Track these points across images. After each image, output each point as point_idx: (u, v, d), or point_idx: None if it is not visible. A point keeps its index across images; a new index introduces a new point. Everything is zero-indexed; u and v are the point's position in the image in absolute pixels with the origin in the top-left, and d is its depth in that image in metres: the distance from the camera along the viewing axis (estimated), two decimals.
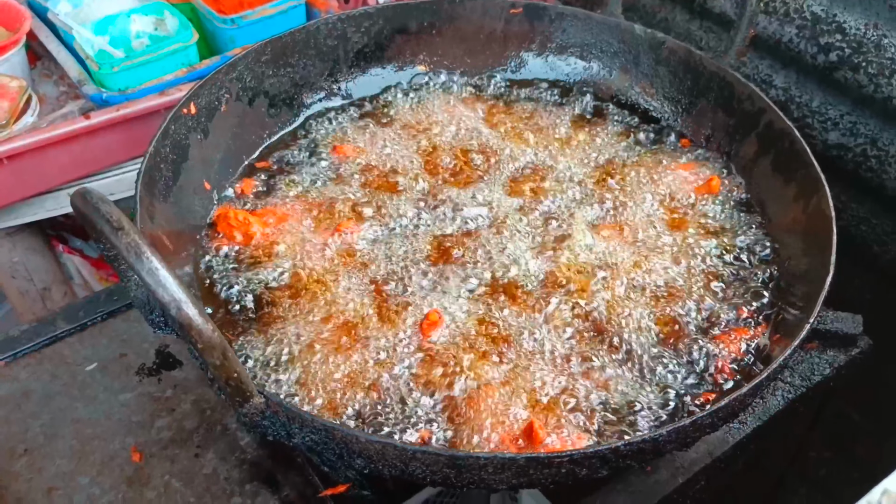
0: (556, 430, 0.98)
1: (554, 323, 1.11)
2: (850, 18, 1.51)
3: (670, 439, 0.87)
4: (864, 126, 1.54)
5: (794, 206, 1.21)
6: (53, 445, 1.17)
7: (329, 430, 0.85)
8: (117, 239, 0.73)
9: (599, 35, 1.54)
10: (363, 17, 1.49)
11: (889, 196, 1.54)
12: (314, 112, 1.48)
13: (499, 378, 1.03)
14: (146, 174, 1.11)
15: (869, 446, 1.82)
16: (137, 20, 1.77)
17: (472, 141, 1.42)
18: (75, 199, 0.77)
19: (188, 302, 0.73)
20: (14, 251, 1.79)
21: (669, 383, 1.05)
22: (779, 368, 0.93)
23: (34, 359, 1.29)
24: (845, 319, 1.25)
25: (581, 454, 0.83)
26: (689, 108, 1.46)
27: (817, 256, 1.10)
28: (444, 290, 1.15)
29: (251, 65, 1.37)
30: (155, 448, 1.18)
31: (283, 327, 1.10)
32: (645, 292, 1.16)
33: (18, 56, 1.70)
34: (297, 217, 1.26)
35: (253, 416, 0.85)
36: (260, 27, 1.80)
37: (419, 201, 1.30)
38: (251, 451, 1.17)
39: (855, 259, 1.62)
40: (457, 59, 1.58)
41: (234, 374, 0.79)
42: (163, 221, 1.14)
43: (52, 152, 1.59)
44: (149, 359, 1.29)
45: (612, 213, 1.29)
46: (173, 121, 1.20)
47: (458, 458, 0.83)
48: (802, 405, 1.25)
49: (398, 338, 1.08)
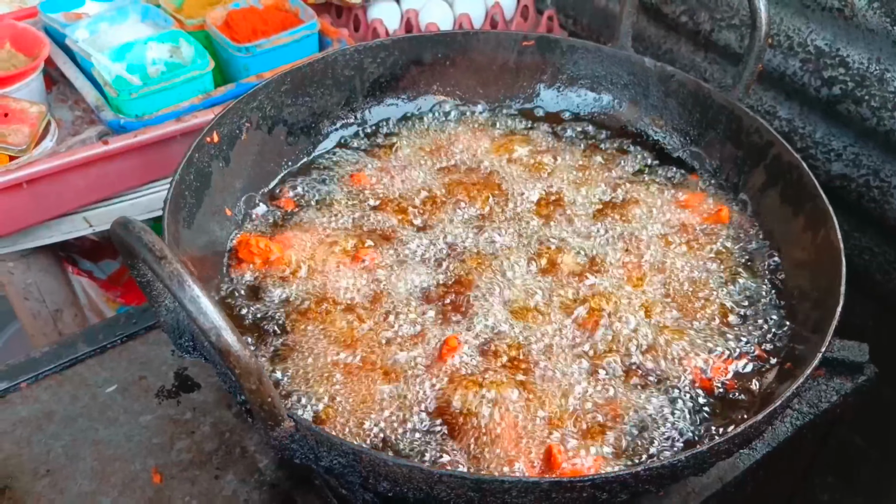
0: (574, 456, 1.00)
1: (568, 348, 1.14)
2: (853, 53, 1.55)
3: (688, 465, 0.90)
4: (867, 158, 1.58)
5: (803, 237, 1.24)
6: (75, 466, 1.19)
7: (357, 453, 0.87)
8: (160, 267, 0.75)
9: (610, 67, 1.58)
10: (379, 48, 1.53)
11: (891, 226, 1.57)
12: (332, 141, 1.51)
13: (517, 402, 1.05)
14: (172, 201, 1.14)
15: (873, 472, 1.84)
16: (154, 48, 1.80)
17: (486, 169, 1.45)
18: (116, 228, 0.80)
19: (228, 329, 0.76)
20: (28, 273, 1.81)
21: (682, 410, 1.08)
22: (792, 396, 0.96)
23: (55, 380, 1.31)
24: (852, 348, 1.28)
25: (603, 479, 0.85)
26: (698, 139, 1.50)
27: (827, 286, 1.13)
28: (461, 317, 1.17)
29: (271, 94, 1.40)
30: (175, 470, 1.19)
31: (304, 353, 1.12)
32: (656, 317, 1.19)
33: (37, 81, 1.73)
34: (317, 244, 1.28)
35: (283, 440, 0.87)
36: (274, 55, 1.83)
37: (435, 229, 1.32)
38: (270, 473, 1.19)
39: (857, 287, 1.64)
40: (470, 89, 1.62)
41: (268, 398, 0.82)
42: (187, 247, 1.16)
43: (70, 177, 1.61)
44: (168, 381, 1.31)
45: (621, 244, 1.32)
46: (197, 149, 1.23)
47: (484, 482, 0.85)
48: (810, 432, 1.27)
49: (417, 362, 1.11)
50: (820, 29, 1.60)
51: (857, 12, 1.51)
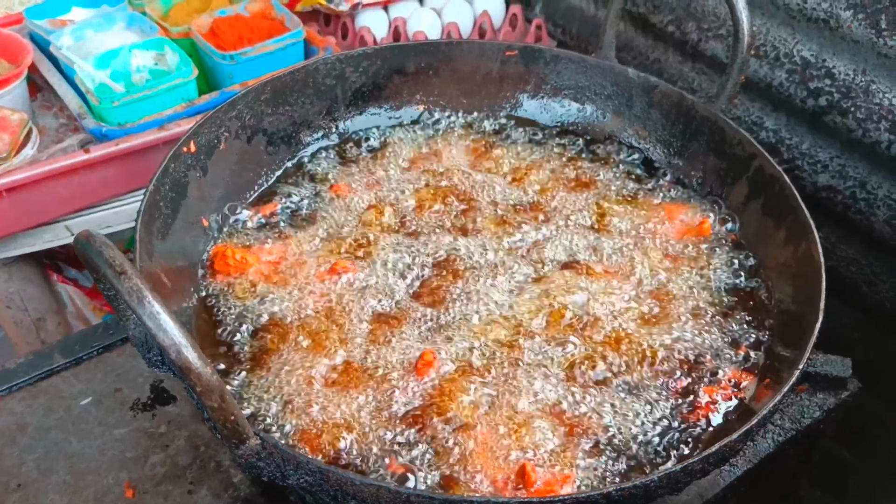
0: (547, 472, 0.99)
1: (545, 361, 1.12)
2: (839, 64, 1.54)
3: (661, 484, 0.88)
4: (853, 169, 1.57)
5: (785, 250, 1.23)
6: (47, 480, 1.18)
7: (323, 472, 0.86)
8: (119, 283, 0.74)
9: (593, 78, 1.57)
10: (361, 57, 1.52)
11: (877, 238, 1.56)
12: (312, 150, 1.50)
13: (492, 419, 1.04)
14: (146, 213, 1.13)
15: (861, 485, 1.83)
16: (138, 55, 1.79)
17: (466, 179, 1.44)
18: (79, 242, 0.79)
19: (188, 346, 0.74)
20: (10, 281, 1.79)
21: (658, 427, 1.06)
22: (769, 413, 0.94)
23: (29, 392, 1.29)
24: (835, 363, 1.27)
25: (573, 499, 0.84)
26: (682, 150, 1.49)
27: (807, 301, 1.12)
28: (437, 330, 1.16)
29: (251, 103, 1.39)
30: (149, 484, 1.18)
31: (278, 366, 1.11)
32: (635, 329, 1.17)
33: (20, 89, 1.72)
34: (294, 255, 1.27)
35: (249, 458, 0.86)
36: (259, 63, 1.82)
37: (414, 240, 1.31)
38: (244, 489, 1.18)
39: (843, 299, 1.64)
40: (453, 99, 1.61)
41: (231, 416, 0.80)
42: (161, 259, 1.15)
43: (51, 185, 1.60)
44: (143, 394, 1.30)
45: (602, 254, 1.31)
46: (173, 159, 1.22)
47: (452, 501, 0.84)
48: (792, 448, 1.26)
49: (392, 378, 1.09)
50: (806, 40, 1.59)
51: (843, 24, 1.50)
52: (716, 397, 1.10)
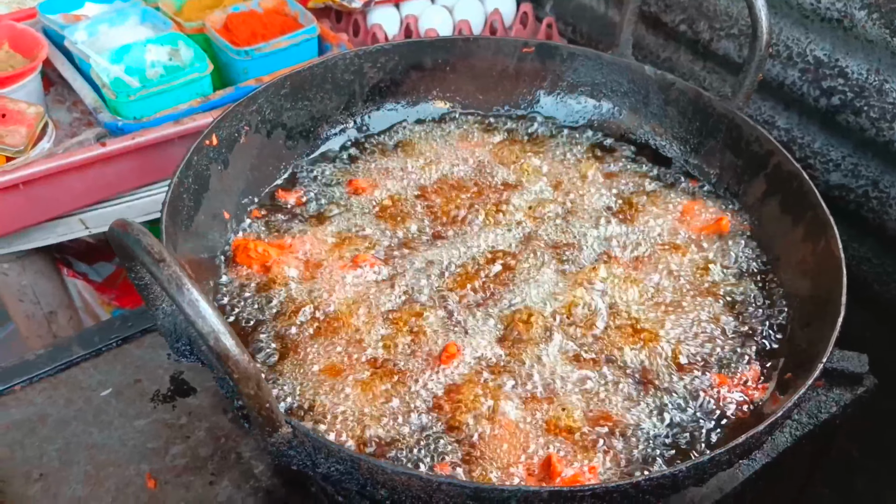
0: (572, 464, 0.99)
1: (567, 356, 1.13)
2: (852, 63, 1.55)
3: (689, 475, 0.89)
4: (866, 168, 1.58)
5: (803, 247, 1.24)
6: (68, 471, 1.18)
7: (355, 460, 0.86)
8: (158, 270, 0.74)
9: (610, 75, 1.58)
10: (379, 52, 1.52)
11: (889, 237, 1.57)
12: (330, 145, 1.50)
13: (517, 410, 1.05)
14: (170, 204, 1.13)
15: (869, 483, 1.84)
16: (153, 50, 1.79)
17: (485, 175, 1.45)
18: (114, 230, 0.79)
19: (227, 333, 0.75)
20: (23, 275, 1.80)
21: (680, 419, 1.07)
22: (793, 406, 0.95)
23: (49, 383, 1.30)
24: (851, 358, 1.28)
25: (603, 489, 0.85)
26: (698, 148, 1.49)
27: (827, 296, 1.13)
28: (460, 324, 1.17)
29: (271, 98, 1.39)
30: (170, 475, 1.19)
31: (302, 359, 1.11)
32: (655, 326, 1.18)
33: (35, 82, 1.72)
34: (314, 249, 1.28)
35: (280, 446, 0.86)
36: (273, 59, 1.83)
37: (434, 234, 1.32)
38: (265, 479, 1.18)
39: (855, 297, 1.64)
40: (470, 95, 1.61)
41: (266, 404, 0.81)
42: (184, 250, 1.15)
43: (67, 178, 1.60)
44: (163, 385, 1.30)
45: (622, 251, 1.31)
46: (196, 152, 1.22)
47: (483, 490, 0.85)
48: (809, 442, 1.27)
49: (416, 370, 1.10)
50: (819, 39, 1.60)
51: (857, 23, 1.51)
52: (736, 391, 1.11)
